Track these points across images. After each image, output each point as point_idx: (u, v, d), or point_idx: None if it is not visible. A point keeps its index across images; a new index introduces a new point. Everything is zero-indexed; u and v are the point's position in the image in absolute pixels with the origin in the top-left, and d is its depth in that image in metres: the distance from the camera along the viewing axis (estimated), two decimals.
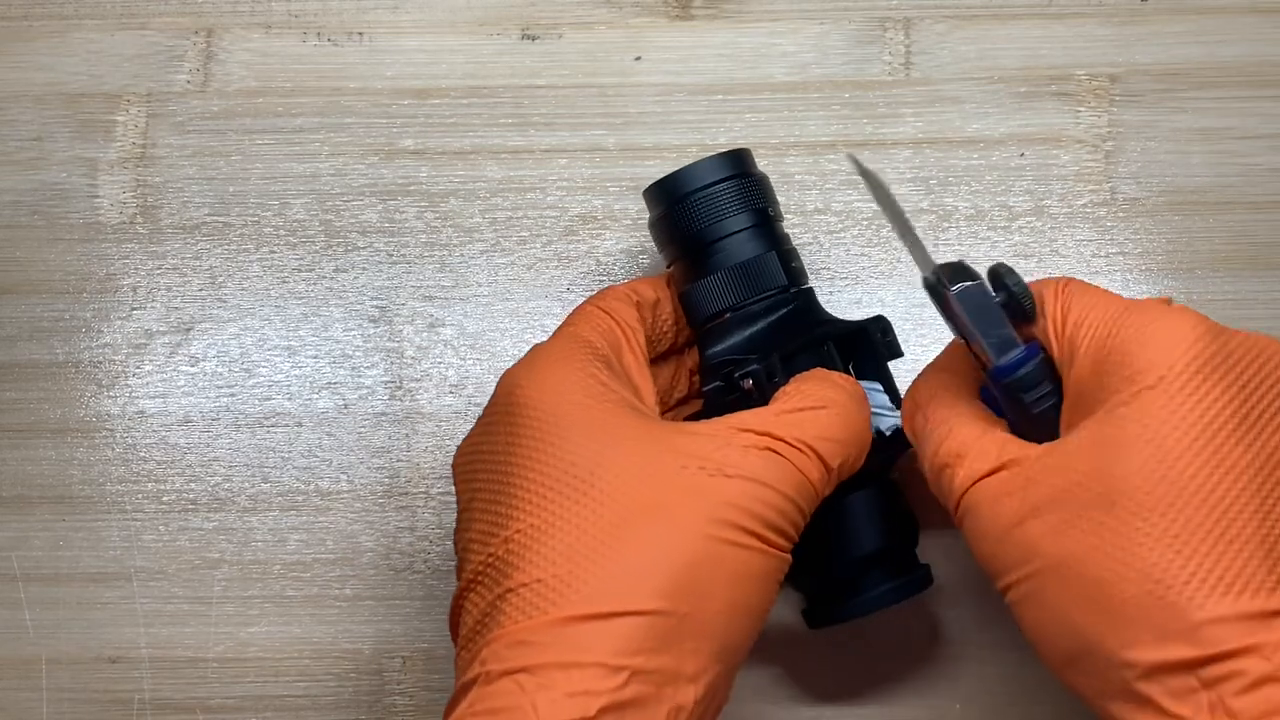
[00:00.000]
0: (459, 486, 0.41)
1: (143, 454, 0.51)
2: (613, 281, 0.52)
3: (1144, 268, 0.52)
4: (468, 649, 0.38)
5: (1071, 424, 0.38)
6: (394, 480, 0.51)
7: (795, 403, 0.40)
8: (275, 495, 0.51)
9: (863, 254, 0.52)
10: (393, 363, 0.52)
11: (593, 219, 0.53)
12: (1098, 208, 0.52)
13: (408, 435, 0.51)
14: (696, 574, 0.37)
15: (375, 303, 0.52)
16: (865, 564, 0.44)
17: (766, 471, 0.38)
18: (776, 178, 0.47)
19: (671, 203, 0.46)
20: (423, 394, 0.51)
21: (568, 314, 0.45)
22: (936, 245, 0.52)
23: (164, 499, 0.51)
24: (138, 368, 0.52)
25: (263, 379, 0.52)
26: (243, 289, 0.52)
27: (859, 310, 0.52)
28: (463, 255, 0.53)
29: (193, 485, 0.51)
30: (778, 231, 0.46)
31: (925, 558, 0.46)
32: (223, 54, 0.55)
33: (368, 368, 0.52)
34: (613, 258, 0.52)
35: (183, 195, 0.53)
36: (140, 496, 0.51)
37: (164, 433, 0.51)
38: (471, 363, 0.52)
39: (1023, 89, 0.54)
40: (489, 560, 0.38)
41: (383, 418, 0.51)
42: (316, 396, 0.51)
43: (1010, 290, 0.40)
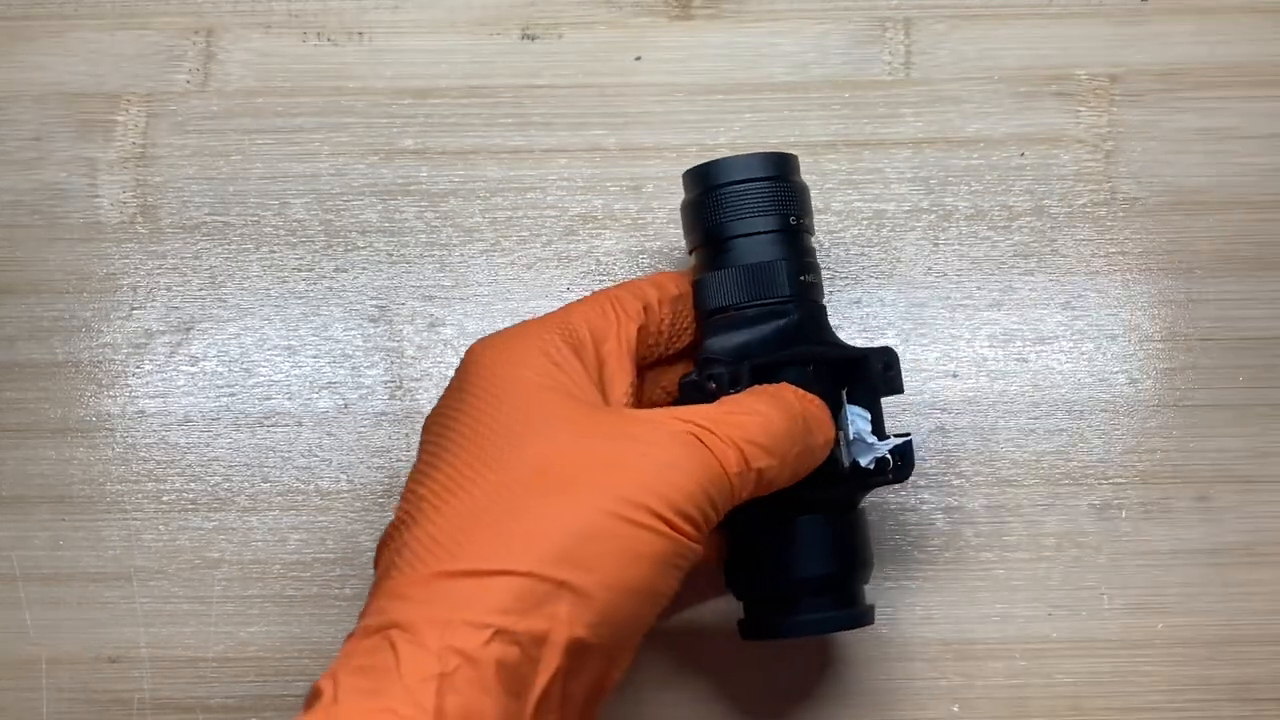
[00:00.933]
0: (420, 445, 0.42)
1: (143, 454, 0.51)
2: (612, 281, 0.52)
3: (1144, 268, 0.52)
4: (370, 595, 0.38)
5: None
6: (394, 480, 0.51)
7: (732, 406, 0.41)
8: (275, 495, 0.51)
9: (863, 254, 0.52)
10: (393, 363, 0.52)
11: (593, 219, 0.53)
12: (1098, 208, 0.52)
13: (408, 435, 0.51)
14: (586, 546, 0.37)
15: (375, 303, 0.52)
16: (806, 586, 0.43)
17: (685, 457, 0.38)
18: None
19: (703, 190, 0.45)
20: (423, 394, 0.51)
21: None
22: (937, 245, 0.52)
23: (164, 499, 0.51)
24: (138, 368, 0.52)
25: (263, 379, 0.52)
26: (243, 289, 0.52)
27: (858, 310, 0.52)
28: (463, 255, 0.53)
29: (193, 485, 0.51)
30: (800, 243, 0.45)
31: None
32: (223, 54, 0.55)
33: (368, 368, 0.52)
34: (613, 257, 0.52)
35: (183, 195, 0.53)
36: (140, 496, 0.51)
37: (164, 433, 0.51)
38: None
39: (1023, 89, 0.54)
40: (403, 515, 0.39)
41: (383, 418, 0.51)
42: (316, 396, 0.51)
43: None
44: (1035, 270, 0.52)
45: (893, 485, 0.46)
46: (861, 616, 0.44)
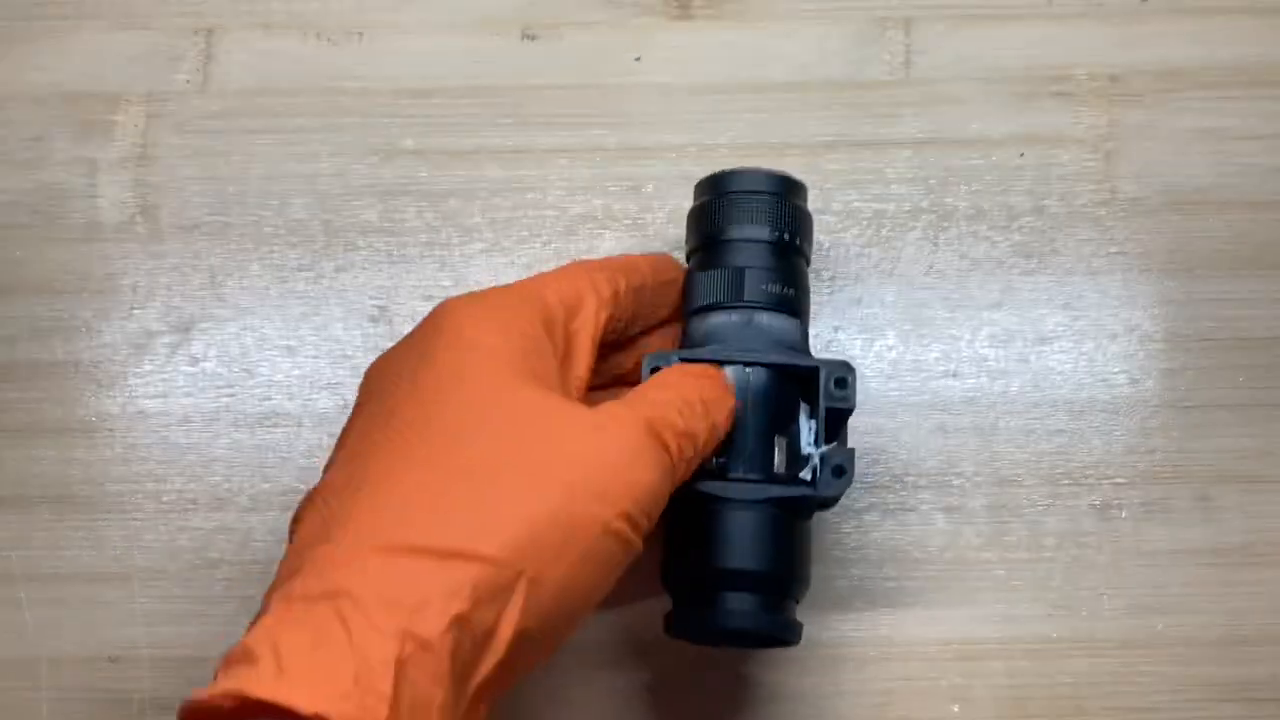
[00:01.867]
0: (360, 392, 0.41)
1: (143, 454, 0.51)
2: None
3: (1144, 268, 0.52)
4: (297, 555, 0.37)
5: None
6: None
7: (660, 393, 0.40)
8: (275, 495, 0.51)
9: (863, 254, 0.52)
10: None
11: (593, 219, 0.53)
12: (1098, 208, 0.52)
13: None
14: (548, 536, 0.36)
15: (375, 303, 0.52)
16: (729, 579, 0.43)
17: (648, 453, 0.38)
18: None
19: (710, 196, 0.46)
20: None
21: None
22: (937, 245, 0.52)
23: (164, 499, 0.51)
24: (138, 368, 0.52)
25: (263, 379, 0.52)
26: (243, 289, 0.52)
27: (858, 310, 0.52)
28: (463, 255, 0.53)
29: (193, 485, 0.51)
30: (790, 260, 0.45)
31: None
32: (223, 54, 0.55)
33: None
34: None
35: (183, 195, 0.53)
36: (140, 496, 0.51)
37: (164, 433, 0.51)
38: None
39: (1023, 89, 0.54)
40: (349, 473, 0.38)
41: None
42: (316, 396, 0.51)
43: None
44: (1035, 270, 0.52)
45: (829, 499, 0.44)
46: (786, 627, 0.43)
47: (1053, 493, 0.50)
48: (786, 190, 0.46)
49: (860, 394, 0.44)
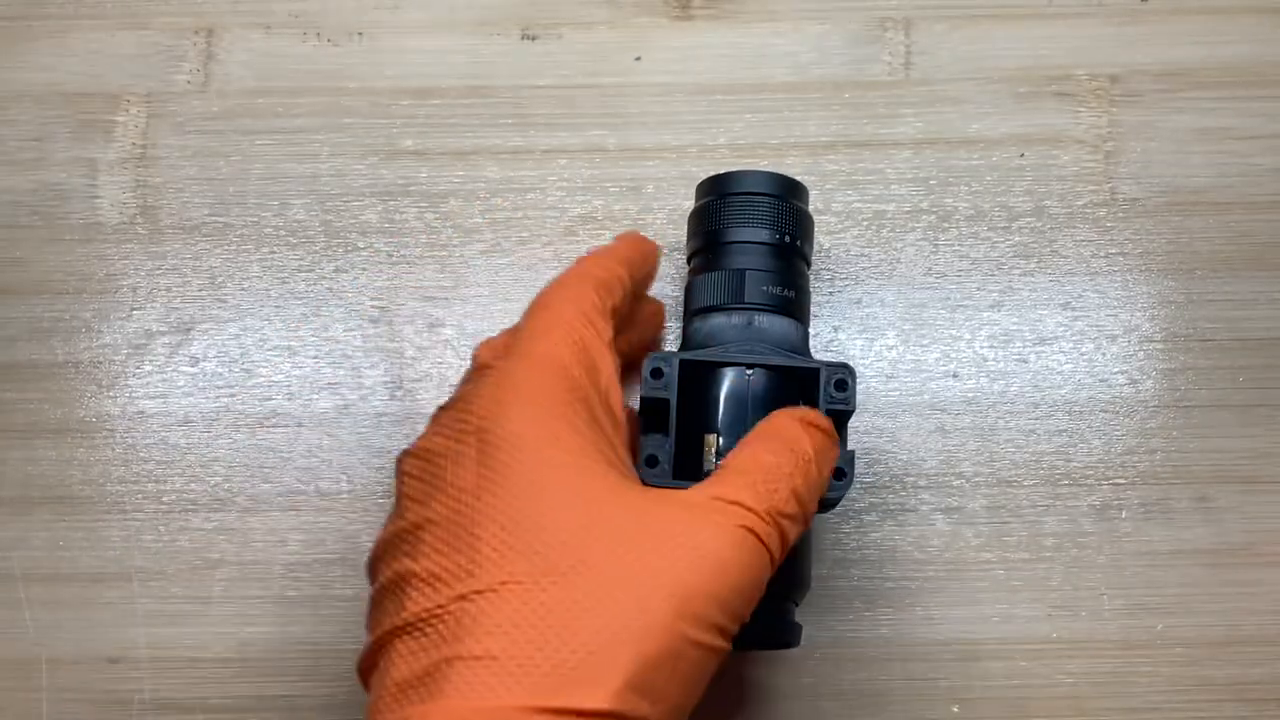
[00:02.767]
0: (404, 491, 0.39)
1: (143, 454, 0.51)
2: None
3: (1144, 268, 0.52)
4: (396, 701, 0.35)
5: None
6: (394, 481, 0.51)
7: (767, 474, 0.38)
8: (275, 495, 0.51)
9: (863, 254, 0.52)
10: (393, 363, 0.52)
11: (593, 219, 0.53)
12: (1098, 208, 0.52)
13: (407, 436, 0.51)
14: (658, 672, 0.34)
15: (375, 303, 0.52)
16: None
17: (743, 555, 0.36)
18: None
19: (711, 198, 0.46)
20: (423, 394, 0.51)
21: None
22: (937, 245, 0.52)
23: (164, 499, 0.51)
24: (138, 368, 0.52)
25: (263, 379, 0.52)
26: (243, 289, 0.52)
27: (858, 310, 0.52)
28: (463, 255, 0.53)
29: (193, 485, 0.51)
30: (790, 262, 0.46)
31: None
32: (223, 54, 0.55)
33: (368, 368, 0.52)
34: None
35: (183, 195, 0.53)
36: (140, 496, 0.51)
37: (164, 433, 0.51)
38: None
39: (1023, 89, 0.54)
40: (437, 612, 0.35)
41: (383, 418, 0.51)
42: (316, 396, 0.51)
43: None
44: (1035, 271, 0.52)
45: (830, 502, 0.43)
46: (784, 630, 0.43)
47: (1052, 493, 0.50)
48: (787, 192, 0.46)
49: (860, 394, 0.44)
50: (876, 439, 0.50)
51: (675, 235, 0.51)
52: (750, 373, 0.43)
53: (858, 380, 0.44)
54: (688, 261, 0.47)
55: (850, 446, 0.44)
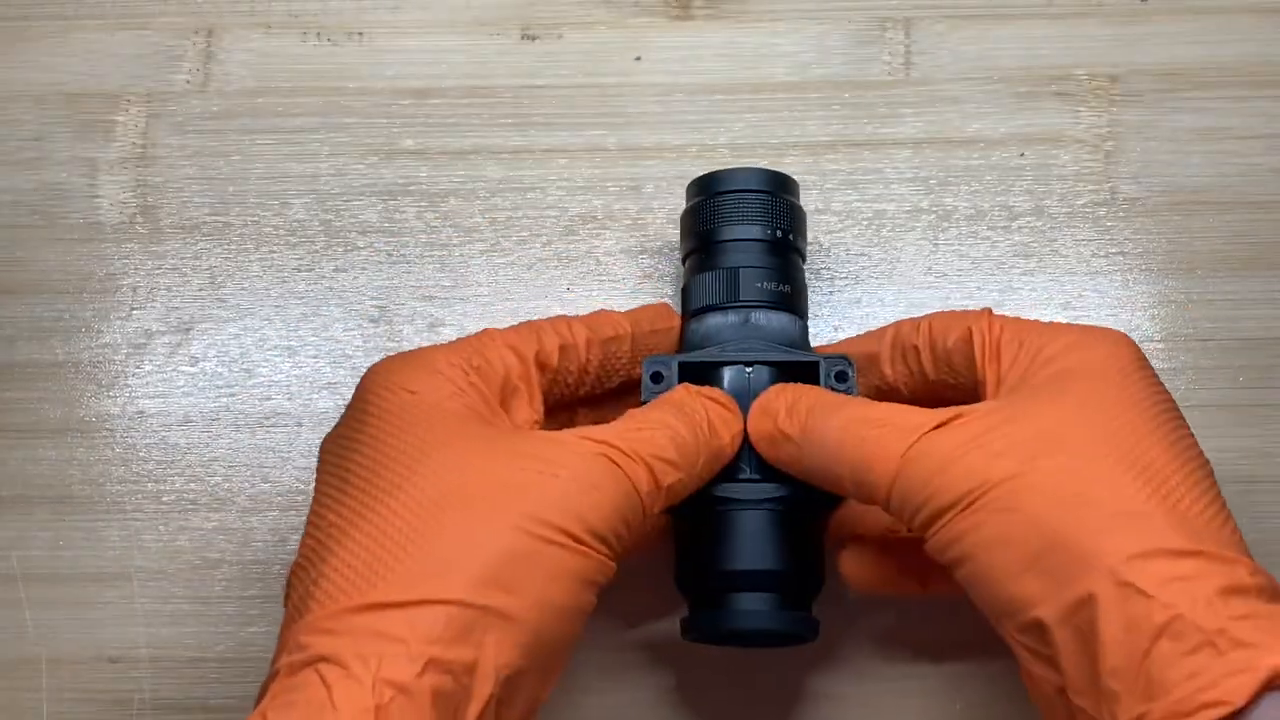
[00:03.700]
0: (316, 473, 0.41)
1: (143, 454, 0.51)
2: (612, 282, 0.52)
3: (1144, 268, 0.52)
4: (283, 636, 0.38)
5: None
6: None
7: (639, 422, 0.41)
8: (275, 495, 0.51)
9: (863, 254, 0.52)
10: None
11: (593, 219, 0.53)
12: (1098, 208, 0.52)
13: None
14: (508, 568, 0.36)
15: (375, 303, 0.52)
16: (742, 579, 0.43)
17: (596, 475, 0.38)
18: None
19: (701, 198, 0.46)
20: None
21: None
22: (937, 245, 0.52)
23: (164, 499, 0.51)
24: (138, 368, 0.52)
25: (263, 379, 0.52)
26: (243, 289, 0.52)
27: (858, 310, 0.52)
28: (463, 255, 0.53)
29: (193, 485, 0.51)
30: (785, 257, 0.46)
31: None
32: (223, 54, 0.55)
33: (368, 367, 0.52)
34: (613, 258, 0.52)
35: (183, 195, 0.53)
36: (140, 496, 0.51)
37: (164, 433, 0.51)
38: None
39: (1023, 89, 0.54)
40: (313, 545, 0.38)
41: None
42: (316, 396, 0.51)
43: None
44: (1035, 270, 0.52)
45: (835, 497, 0.44)
46: (800, 623, 0.43)
47: None
48: (777, 187, 0.46)
49: None
50: None
51: (675, 235, 0.51)
52: (750, 370, 0.44)
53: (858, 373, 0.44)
54: (682, 263, 0.47)
55: None
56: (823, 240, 0.52)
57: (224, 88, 0.54)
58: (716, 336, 0.45)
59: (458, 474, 0.38)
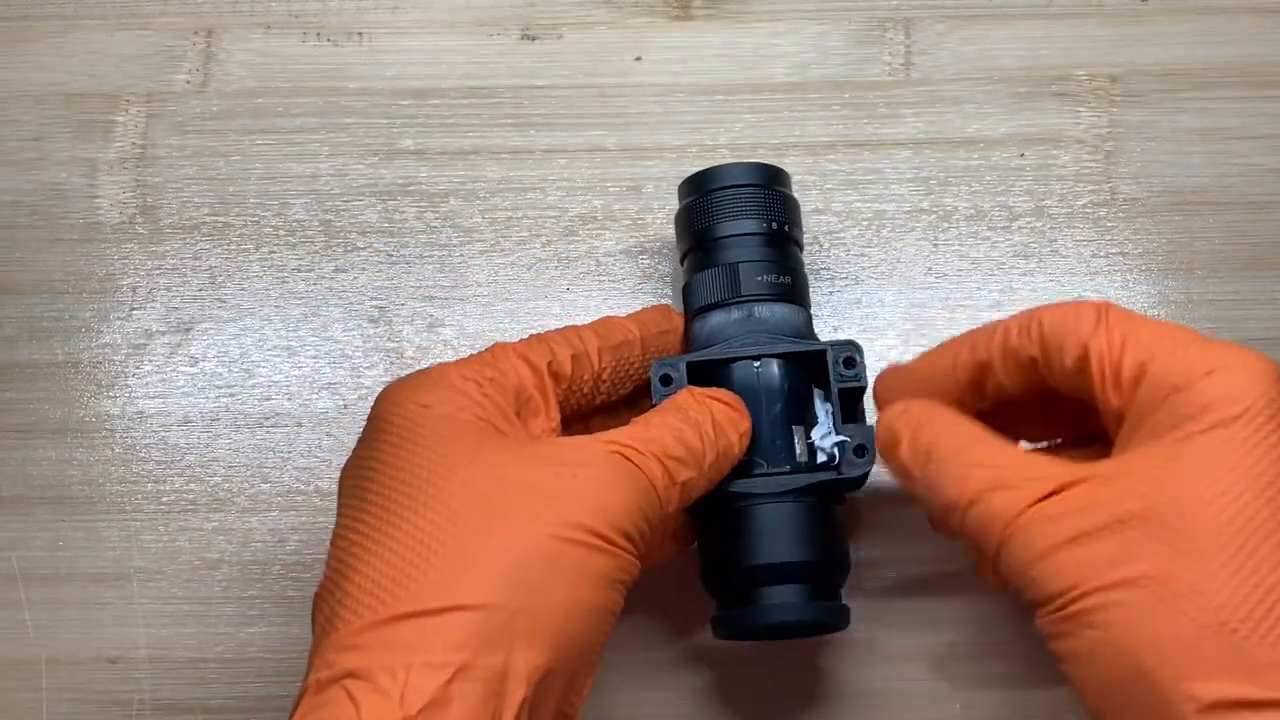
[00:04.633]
0: (338, 501, 0.41)
1: (142, 454, 0.51)
2: (612, 282, 0.52)
3: (1144, 268, 0.52)
4: (311, 658, 0.37)
5: (1123, 447, 0.38)
6: None
7: (646, 424, 0.41)
8: (275, 496, 0.51)
9: (863, 254, 0.52)
10: (393, 363, 0.52)
11: (593, 219, 0.53)
12: (1098, 208, 0.52)
13: None
14: (532, 570, 0.36)
15: (375, 303, 0.52)
16: (767, 573, 0.43)
17: (615, 474, 0.39)
18: None
19: (694, 196, 0.46)
20: None
21: (560, 316, 0.45)
22: (937, 246, 0.52)
23: (164, 499, 0.51)
24: (138, 368, 0.52)
25: (263, 379, 0.52)
26: (242, 289, 0.52)
27: (858, 310, 0.52)
28: (463, 255, 0.53)
29: (193, 485, 0.51)
30: (784, 248, 0.46)
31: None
32: (223, 54, 0.55)
33: (367, 368, 0.52)
34: (613, 258, 0.52)
35: (183, 195, 0.53)
36: (140, 496, 0.51)
37: (164, 433, 0.51)
38: None
39: (1023, 89, 0.54)
40: (336, 566, 0.38)
41: None
42: (316, 396, 0.51)
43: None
44: (1035, 271, 0.52)
45: (857, 479, 0.44)
46: (831, 613, 0.43)
47: None
48: (768, 179, 0.46)
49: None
50: None
51: (674, 235, 0.51)
52: (758, 364, 0.44)
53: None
54: (680, 262, 0.47)
55: (870, 423, 0.44)
56: (823, 240, 0.52)
57: (224, 88, 0.54)
58: (721, 333, 0.45)
59: (476, 482, 0.38)
